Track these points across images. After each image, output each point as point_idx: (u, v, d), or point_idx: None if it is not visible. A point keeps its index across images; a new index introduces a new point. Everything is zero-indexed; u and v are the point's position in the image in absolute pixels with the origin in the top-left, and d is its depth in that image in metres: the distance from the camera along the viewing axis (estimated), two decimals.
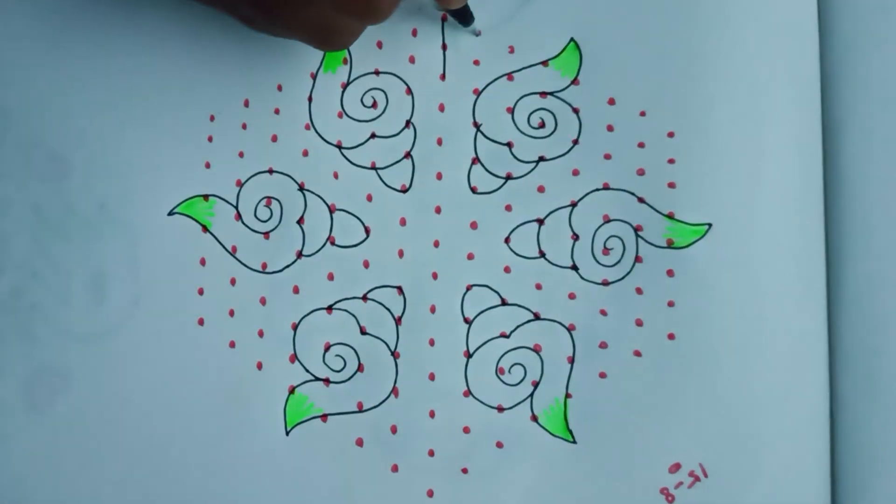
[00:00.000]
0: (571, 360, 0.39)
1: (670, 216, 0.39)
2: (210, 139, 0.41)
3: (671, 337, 0.39)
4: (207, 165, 0.41)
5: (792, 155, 0.39)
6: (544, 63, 0.40)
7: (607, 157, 0.40)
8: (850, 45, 0.40)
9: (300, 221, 0.40)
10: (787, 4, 0.39)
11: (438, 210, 0.40)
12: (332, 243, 0.40)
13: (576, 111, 0.40)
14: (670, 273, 0.39)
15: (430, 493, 0.39)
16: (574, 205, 0.40)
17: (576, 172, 0.40)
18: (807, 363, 0.39)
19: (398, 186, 0.40)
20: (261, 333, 0.40)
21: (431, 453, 0.39)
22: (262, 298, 0.40)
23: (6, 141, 0.41)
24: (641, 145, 0.39)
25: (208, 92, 0.41)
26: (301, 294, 0.40)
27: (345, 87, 0.41)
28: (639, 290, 0.39)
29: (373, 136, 0.41)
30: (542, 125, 0.40)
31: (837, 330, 0.39)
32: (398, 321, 0.40)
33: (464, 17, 0.39)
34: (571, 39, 0.40)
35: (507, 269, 0.40)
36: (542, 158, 0.40)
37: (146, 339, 0.40)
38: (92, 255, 0.40)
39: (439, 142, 0.40)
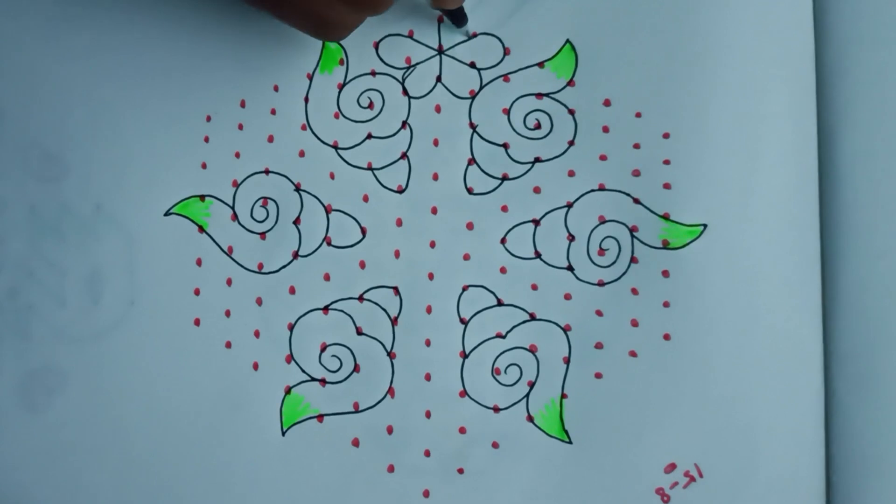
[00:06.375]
0: (567, 361, 0.39)
1: (666, 217, 0.39)
2: (206, 139, 0.41)
3: (667, 337, 0.39)
4: (204, 166, 0.41)
5: (787, 156, 0.39)
6: (540, 64, 0.40)
7: (603, 158, 0.40)
8: (846, 47, 0.40)
9: (296, 222, 0.40)
10: (783, 6, 0.39)
11: (435, 211, 0.40)
12: (329, 244, 0.40)
13: (571, 112, 0.40)
14: (666, 274, 0.39)
15: (426, 494, 0.39)
16: (570, 206, 0.40)
17: (571, 173, 0.40)
18: (802, 363, 0.39)
19: (394, 187, 0.40)
20: (257, 334, 0.40)
21: (427, 453, 0.39)
22: (259, 299, 0.40)
23: (1, 141, 0.41)
24: (637, 146, 0.40)
25: (205, 92, 0.41)
26: (297, 294, 0.40)
27: (341, 87, 0.41)
28: (634, 291, 0.39)
29: (369, 136, 0.41)
30: (538, 126, 0.40)
31: (833, 330, 0.39)
32: (394, 322, 0.40)
33: (458, 18, 0.39)
34: (567, 41, 0.40)
35: (503, 270, 0.40)
36: (537, 159, 0.40)
37: (142, 340, 0.40)
38: (88, 255, 0.40)
39: (435, 143, 0.40)
